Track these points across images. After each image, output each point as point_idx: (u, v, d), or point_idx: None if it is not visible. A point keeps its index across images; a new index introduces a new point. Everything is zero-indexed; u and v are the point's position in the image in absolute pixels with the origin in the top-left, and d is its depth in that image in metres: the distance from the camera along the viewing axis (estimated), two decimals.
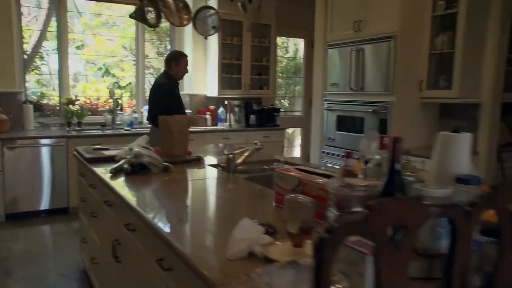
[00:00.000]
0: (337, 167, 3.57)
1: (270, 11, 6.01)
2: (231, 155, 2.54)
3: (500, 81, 3.64)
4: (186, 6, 3.20)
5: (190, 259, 1.20)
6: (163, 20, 3.58)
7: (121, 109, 5.53)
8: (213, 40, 5.72)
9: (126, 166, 2.42)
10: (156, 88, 4.01)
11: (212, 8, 3.99)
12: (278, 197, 1.72)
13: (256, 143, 2.66)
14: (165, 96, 3.86)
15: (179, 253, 1.27)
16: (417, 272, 1.06)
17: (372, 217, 0.84)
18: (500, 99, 3.69)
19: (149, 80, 6.13)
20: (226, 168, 2.57)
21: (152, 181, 2.31)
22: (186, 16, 3.28)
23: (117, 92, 5.85)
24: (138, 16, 3.03)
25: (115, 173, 2.37)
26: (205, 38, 4.03)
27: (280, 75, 8.11)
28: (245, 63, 5.91)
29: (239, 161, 2.57)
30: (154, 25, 3.26)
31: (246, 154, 2.62)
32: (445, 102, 3.74)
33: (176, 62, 3.92)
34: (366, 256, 0.90)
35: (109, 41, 5.87)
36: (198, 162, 2.83)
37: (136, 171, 2.41)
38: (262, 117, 5.91)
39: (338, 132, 4.21)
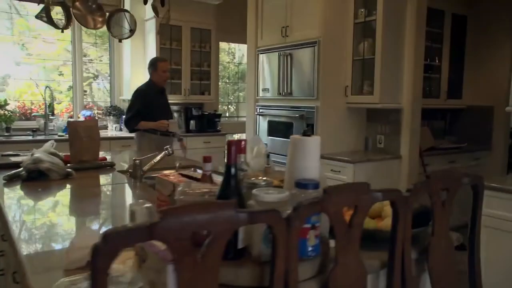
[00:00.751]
0: None
1: (210, 16, 5.99)
2: (137, 161, 2.46)
3: (419, 87, 3.76)
4: (99, 8, 3.09)
5: (25, 270, 1.13)
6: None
7: (53, 114, 5.29)
8: (151, 45, 5.62)
9: (23, 172, 2.31)
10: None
11: (126, 11, 3.88)
12: (159, 203, 1.66)
13: (167, 149, 2.60)
14: (134, 101, 3.93)
15: (20, 263, 1.19)
16: (249, 280, 1.03)
17: (158, 224, 0.78)
18: (420, 104, 3.81)
19: (93, 85, 5.96)
20: (133, 174, 2.49)
21: (49, 188, 2.21)
22: (100, 19, 3.17)
23: (59, 96, 5.63)
24: (45, 16, 2.90)
25: (9, 180, 2.25)
26: (120, 41, 3.91)
27: (227, 80, 8.10)
28: (185, 68, 5.84)
29: (146, 167, 2.49)
30: (64, 27, 3.14)
31: (155, 160, 2.55)
32: (368, 107, 3.82)
33: (154, 68, 3.94)
34: (168, 265, 0.85)
35: (50, 44, 5.64)
36: (109, 168, 2.74)
37: (34, 178, 2.29)
38: (203, 122, 5.85)
39: (270, 137, 4.21)
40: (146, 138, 3.87)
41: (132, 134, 4.21)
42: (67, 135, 4.87)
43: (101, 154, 2.99)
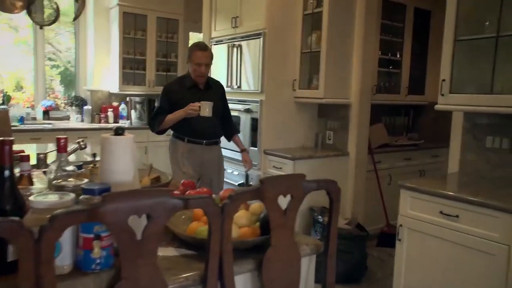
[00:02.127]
0: None
1: (178, 5, 5.84)
2: (42, 155, 2.35)
3: (367, 82, 3.63)
4: None
5: None
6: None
7: (4, 103, 5.16)
8: (115, 34, 5.49)
9: None
10: None
11: None
12: None
13: (79, 142, 2.49)
14: (159, 100, 3.09)
15: None
16: None
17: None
18: (369, 99, 3.68)
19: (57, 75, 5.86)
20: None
21: None
22: (19, 3, 3.03)
23: (25, 87, 5.54)
24: None
25: None
26: (41, 28, 3.72)
27: None
28: (150, 59, 5.71)
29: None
30: None
31: None
32: (314, 102, 3.69)
33: (188, 57, 3.01)
34: None
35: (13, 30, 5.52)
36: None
37: None
38: None
39: None
40: (178, 147, 3.06)
41: (161, 139, 3.63)
42: (20, 125, 4.86)
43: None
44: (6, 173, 0.95)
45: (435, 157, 4.43)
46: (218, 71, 4.16)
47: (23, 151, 2.80)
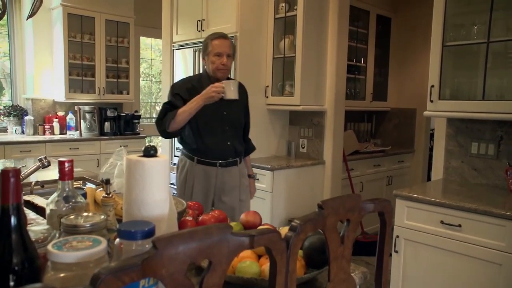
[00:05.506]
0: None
1: (128, 8, 5.48)
2: None
3: (341, 88, 3.56)
4: None
5: None
6: None
7: None
8: (58, 37, 5.01)
9: None
10: None
11: None
12: None
13: (41, 159, 2.13)
14: (168, 96, 2.34)
15: None
16: None
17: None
18: (343, 106, 3.61)
19: None
20: None
21: None
22: None
23: None
24: None
25: None
26: None
27: (152, 78, 7.59)
28: (99, 64, 5.29)
29: None
30: None
31: (23, 174, 2.07)
32: (289, 109, 3.56)
33: (204, 50, 2.33)
34: None
35: None
36: None
37: None
38: (119, 124, 5.32)
39: None
40: (186, 168, 2.35)
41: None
42: None
43: None
44: (13, 218, 0.68)
45: (400, 162, 4.48)
46: (182, 77, 3.89)
47: None
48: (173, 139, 3.67)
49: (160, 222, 0.83)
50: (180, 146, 2.44)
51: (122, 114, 5.33)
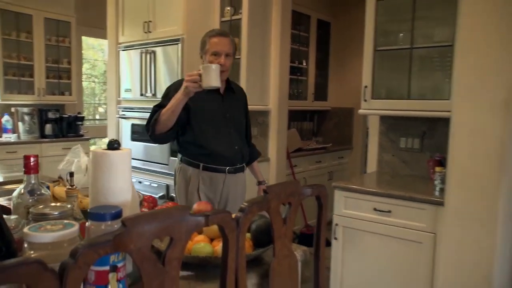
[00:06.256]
0: (133, 180, 3.19)
1: (69, 6, 5.36)
2: None
3: (285, 89, 3.76)
4: None
5: None
6: None
7: None
8: None
9: None
10: None
11: None
12: None
13: None
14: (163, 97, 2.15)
15: None
16: None
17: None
18: (287, 106, 3.82)
19: None
20: None
21: None
22: None
23: None
24: None
25: None
26: None
27: (96, 79, 7.43)
28: (38, 64, 5.13)
29: None
30: None
31: None
32: None
33: (201, 48, 2.13)
34: None
35: None
36: None
37: None
38: (62, 126, 5.19)
39: (133, 142, 3.85)
40: (190, 176, 2.13)
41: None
42: None
43: None
44: None
45: (340, 158, 4.78)
46: (127, 79, 3.91)
47: None
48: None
49: (124, 207, 0.93)
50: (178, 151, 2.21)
51: (64, 115, 5.20)
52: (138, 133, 3.81)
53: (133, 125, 3.87)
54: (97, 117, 7.39)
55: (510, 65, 1.96)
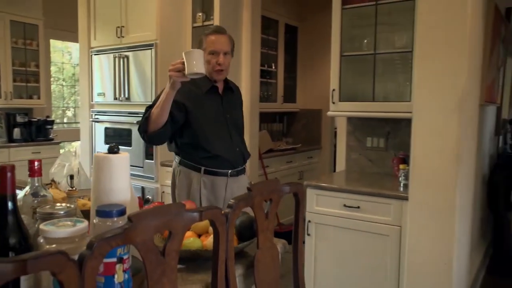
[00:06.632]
0: None
1: (36, 8, 5.29)
2: None
3: (256, 92, 3.89)
4: None
5: None
6: None
7: None
8: None
9: None
10: None
11: None
12: None
13: None
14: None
15: None
16: None
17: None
18: (257, 108, 3.95)
19: None
20: None
21: None
22: None
23: None
24: None
25: None
26: None
27: (63, 82, 7.32)
28: (5, 68, 5.04)
29: None
30: None
31: None
32: None
33: (199, 47, 2.04)
34: None
35: None
36: None
37: None
38: (31, 130, 5.12)
39: (107, 145, 3.86)
40: (190, 180, 2.06)
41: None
42: None
43: None
44: (10, 203, 0.84)
45: (310, 158, 4.96)
46: (100, 83, 3.94)
47: None
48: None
49: (126, 206, 1.03)
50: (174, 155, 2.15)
51: (33, 119, 5.13)
52: (111, 137, 3.84)
53: (106, 128, 3.90)
54: (65, 120, 7.29)
55: (463, 70, 2.16)
